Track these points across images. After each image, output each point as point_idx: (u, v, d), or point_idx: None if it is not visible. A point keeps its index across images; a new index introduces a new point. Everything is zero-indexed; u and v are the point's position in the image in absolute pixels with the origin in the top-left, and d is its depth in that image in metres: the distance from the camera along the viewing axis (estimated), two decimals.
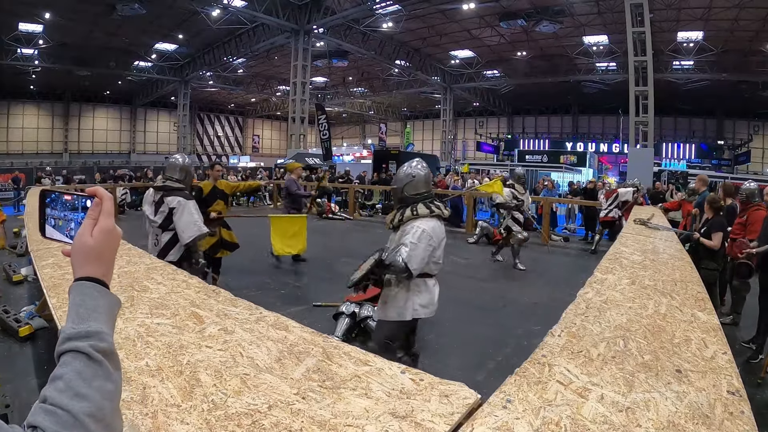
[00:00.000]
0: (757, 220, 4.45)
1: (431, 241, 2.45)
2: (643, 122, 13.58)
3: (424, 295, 2.56)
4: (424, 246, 2.42)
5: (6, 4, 16.47)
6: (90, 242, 0.61)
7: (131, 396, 1.08)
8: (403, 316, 2.55)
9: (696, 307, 1.91)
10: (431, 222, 2.49)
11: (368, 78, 30.60)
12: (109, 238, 0.63)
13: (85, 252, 0.61)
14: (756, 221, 4.47)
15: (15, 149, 29.22)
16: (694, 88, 22.77)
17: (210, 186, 4.93)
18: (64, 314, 1.66)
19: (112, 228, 0.63)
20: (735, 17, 16.37)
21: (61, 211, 0.70)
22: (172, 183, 3.56)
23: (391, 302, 2.58)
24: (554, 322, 1.67)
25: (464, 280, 6.21)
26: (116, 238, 0.64)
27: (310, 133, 27.71)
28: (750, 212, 4.58)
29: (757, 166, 25.83)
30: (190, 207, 3.44)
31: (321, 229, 10.74)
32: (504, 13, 18.47)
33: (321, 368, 1.26)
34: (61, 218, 0.69)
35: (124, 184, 13.63)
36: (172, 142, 33.37)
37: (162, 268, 2.35)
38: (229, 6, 17.74)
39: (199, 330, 1.53)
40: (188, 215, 3.41)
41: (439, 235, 2.53)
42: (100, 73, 25.72)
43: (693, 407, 1.09)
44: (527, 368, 1.28)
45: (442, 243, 2.59)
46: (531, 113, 33.94)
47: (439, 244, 2.54)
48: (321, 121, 21.88)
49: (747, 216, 4.59)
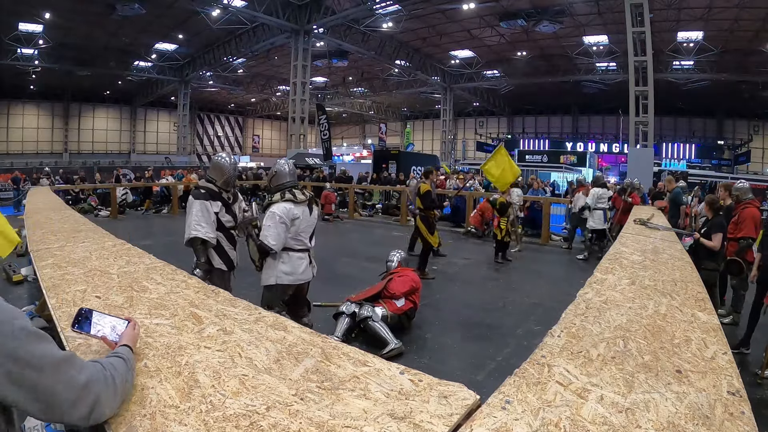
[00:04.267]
0: (747, 217, 4.51)
1: (281, 220, 2.98)
2: (643, 122, 13.58)
3: (287, 265, 3.09)
4: (275, 224, 2.97)
5: (6, 4, 16.47)
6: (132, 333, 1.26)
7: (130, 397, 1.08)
8: (268, 281, 3.11)
9: (696, 307, 1.91)
10: (281, 205, 3.02)
11: (368, 78, 30.61)
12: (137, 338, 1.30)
13: (130, 336, 1.24)
14: (746, 218, 4.52)
15: (15, 149, 29.25)
16: (694, 88, 22.78)
17: None
18: (63, 314, 1.66)
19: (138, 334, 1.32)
20: (735, 17, 16.37)
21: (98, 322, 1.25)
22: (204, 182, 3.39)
23: (265, 270, 3.13)
24: (554, 322, 1.66)
25: (464, 280, 6.21)
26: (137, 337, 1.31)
27: (310, 133, 27.73)
28: (740, 210, 4.64)
29: (757, 166, 25.84)
30: (194, 207, 3.20)
31: (321, 229, 10.73)
32: (504, 13, 18.47)
33: (319, 369, 1.26)
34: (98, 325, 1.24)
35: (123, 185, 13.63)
36: (172, 142, 33.39)
37: (161, 269, 2.34)
38: (229, 6, 17.74)
39: (197, 330, 1.52)
40: (188, 216, 3.23)
41: (289, 215, 3.01)
42: (100, 73, 25.74)
43: (693, 408, 1.09)
44: (526, 369, 1.27)
45: (297, 222, 3.06)
46: (531, 113, 33.96)
47: (291, 222, 3.03)
48: (321, 121, 21.87)
49: (738, 214, 4.64)
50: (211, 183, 3.34)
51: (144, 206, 13.16)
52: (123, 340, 1.21)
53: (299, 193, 3.11)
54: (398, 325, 4.02)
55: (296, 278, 3.13)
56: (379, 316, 3.80)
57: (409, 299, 4.12)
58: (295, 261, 3.11)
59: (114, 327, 1.25)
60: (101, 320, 1.25)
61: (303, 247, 3.16)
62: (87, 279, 2.11)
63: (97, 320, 1.25)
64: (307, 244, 3.20)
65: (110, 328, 1.24)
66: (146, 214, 12.70)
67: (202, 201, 3.21)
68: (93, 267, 2.34)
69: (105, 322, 1.25)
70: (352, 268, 6.66)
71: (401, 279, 4.18)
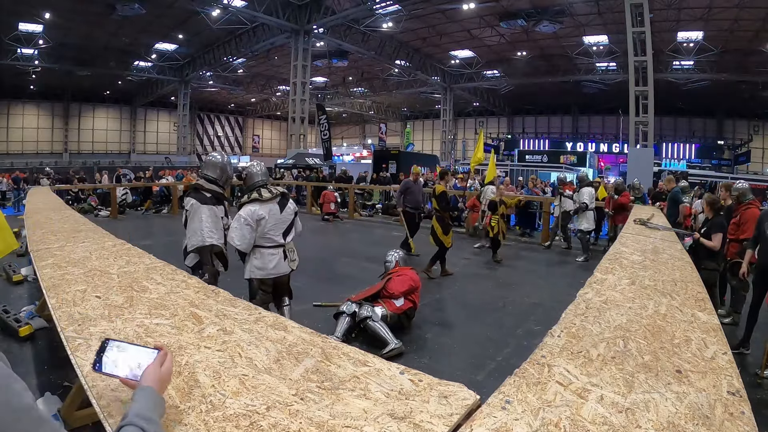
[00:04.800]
0: (750, 218, 4.43)
1: (246, 222, 3.20)
2: (643, 122, 13.58)
3: (258, 261, 3.33)
4: (240, 227, 3.19)
5: (6, 4, 16.47)
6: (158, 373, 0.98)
7: (129, 397, 1.08)
8: (246, 275, 3.39)
9: (696, 307, 1.91)
10: (247, 208, 3.24)
11: (368, 78, 30.61)
12: (168, 377, 1.02)
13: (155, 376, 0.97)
14: (748, 220, 4.45)
15: (15, 149, 29.24)
16: (694, 88, 22.77)
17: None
18: (63, 314, 1.66)
19: (171, 370, 1.03)
20: (735, 17, 16.37)
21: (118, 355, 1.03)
22: (204, 182, 3.31)
23: (245, 264, 3.40)
24: (554, 322, 1.66)
25: (464, 280, 6.21)
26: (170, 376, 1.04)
27: (310, 133, 27.72)
28: (742, 211, 4.59)
29: (757, 166, 25.82)
30: (201, 212, 3.15)
31: (321, 229, 10.74)
32: (504, 13, 18.46)
33: (320, 369, 1.26)
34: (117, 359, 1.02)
35: (124, 185, 13.63)
36: (172, 142, 33.40)
37: (161, 268, 2.35)
38: (229, 6, 17.73)
39: (197, 330, 1.52)
40: (197, 221, 3.15)
41: (254, 216, 3.22)
42: (100, 73, 25.74)
43: (693, 408, 1.09)
44: (526, 369, 1.27)
45: (264, 222, 3.25)
46: (531, 113, 33.95)
47: (257, 222, 3.23)
48: (321, 121, 21.86)
49: (740, 215, 4.59)
50: (213, 183, 3.33)
51: (144, 206, 13.17)
52: (145, 380, 0.95)
53: (266, 191, 3.30)
54: (398, 325, 4.01)
55: (267, 273, 3.34)
56: (378, 315, 3.80)
57: (408, 299, 4.12)
58: (266, 257, 3.33)
59: (138, 360, 1.01)
60: (122, 352, 1.03)
61: (274, 244, 3.34)
62: (87, 279, 2.12)
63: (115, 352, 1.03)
64: (279, 241, 3.35)
65: (134, 361, 1.01)
66: (146, 214, 12.70)
67: (210, 206, 3.19)
68: (93, 267, 2.34)
69: (127, 355, 1.02)
70: (352, 268, 6.65)
71: (400, 278, 4.18)
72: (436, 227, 6.28)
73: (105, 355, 1.02)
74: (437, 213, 6.32)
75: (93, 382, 1.16)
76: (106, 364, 1.02)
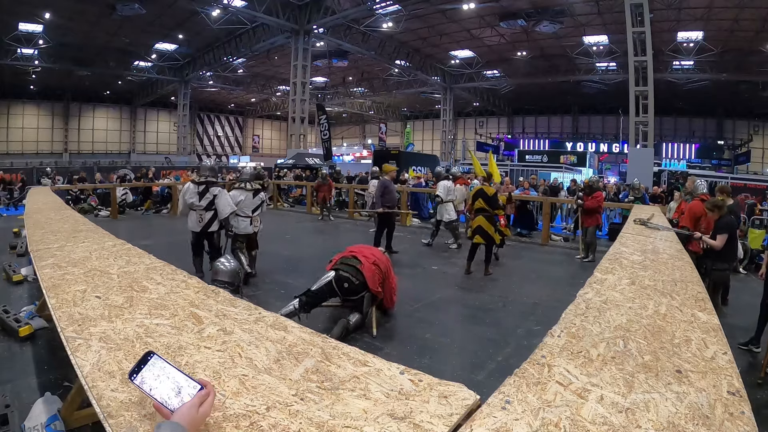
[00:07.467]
0: (688, 209, 5.28)
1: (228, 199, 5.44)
2: (643, 122, 13.59)
3: (236, 224, 5.60)
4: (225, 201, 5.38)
5: (6, 4, 16.48)
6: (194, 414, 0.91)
7: (129, 398, 1.08)
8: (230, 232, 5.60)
9: (696, 307, 1.91)
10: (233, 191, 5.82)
11: (368, 78, 30.61)
12: (202, 420, 0.94)
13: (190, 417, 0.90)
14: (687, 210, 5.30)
15: (15, 149, 29.24)
16: (694, 88, 22.77)
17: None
18: (63, 314, 1.66)
19: (208, 414, 0.96)
20: (735, 17, 16.37)
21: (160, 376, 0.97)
22: (211, 179, 5.48)
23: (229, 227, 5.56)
24: (554, 322, 1.66)
25: (464, 280, 6.21)
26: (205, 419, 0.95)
27: (310, 133, 27.72)
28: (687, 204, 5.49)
29: (757, 166, 25.81)
30: (226, 194, 5.50)
31: (321, 229, 10.74)
32: (504, 13, 18.47)
33: (320, 369, 1.26)
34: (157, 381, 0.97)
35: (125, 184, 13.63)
36: (172, 142, 33.40)
37: (161, 268, 2.34)
38: (229, 6, 17.74)
39: (197, 330, 1.52)
40: (226, 199, 5.38)
41: (235, 198, 5.63)
42: (100, 73, 25.75)
43: (693, 408, 1.09)
44: (526, 369, 1.27)
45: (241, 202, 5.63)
46: (531, 113, 33.96)
47: (237, 202, 5.57)
48: (321, 121, 21.87)
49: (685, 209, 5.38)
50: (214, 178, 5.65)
51: (144, 206, 13.16)
52: (179, 417, 0.90)
53: (248, 185, 5.86)
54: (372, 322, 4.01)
55: (240, 230, 5.65)
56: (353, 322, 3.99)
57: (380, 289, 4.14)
58: (240, 222, 5.66)
59: (178, 387, 0.96)
60: (163, 373, 0.97)
61: (245, 215, 5.71)
62: (87, 279, 2.11)
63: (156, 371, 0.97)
64: (248, 213, 5.73)
65: (173, 387, 0.96)
66: (146, 214, 12.69)
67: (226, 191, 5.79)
68: (93, 267, 2.34)
69: (168, 378, 0.97)
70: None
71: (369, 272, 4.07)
72: (487, 226, 6.32)
73: (146, 369, 0.98)
74: (485, 213, 6.37)
75: (93, 382, 1.16)
76: (144, 380, 0.97)
